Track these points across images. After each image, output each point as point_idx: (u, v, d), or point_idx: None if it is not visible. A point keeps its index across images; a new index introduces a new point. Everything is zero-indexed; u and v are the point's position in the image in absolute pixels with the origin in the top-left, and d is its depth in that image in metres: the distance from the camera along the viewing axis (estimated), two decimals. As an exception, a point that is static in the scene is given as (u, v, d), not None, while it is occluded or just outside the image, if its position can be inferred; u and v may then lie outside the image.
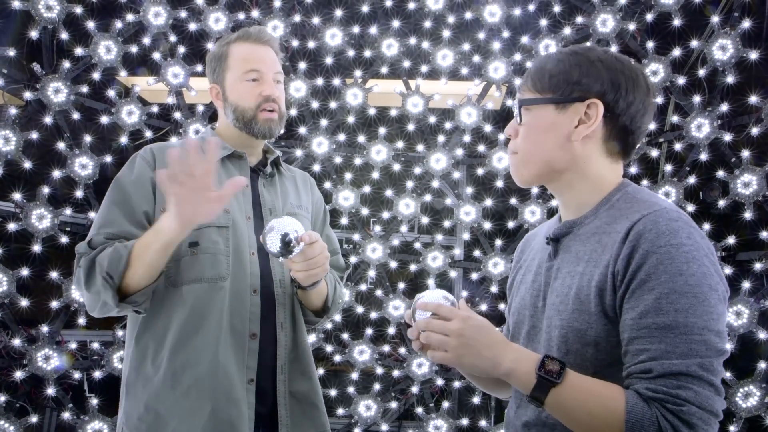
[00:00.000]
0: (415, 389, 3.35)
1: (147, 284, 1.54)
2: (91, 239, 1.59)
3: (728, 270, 3.10)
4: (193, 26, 3.35)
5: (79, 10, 3.21)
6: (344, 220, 3.41)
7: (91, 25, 3.23)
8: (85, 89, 3.26)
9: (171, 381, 1.56)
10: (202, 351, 1.57)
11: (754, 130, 3.16)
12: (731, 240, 3.15)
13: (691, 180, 3.26)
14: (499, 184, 3.39)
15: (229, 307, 1.60)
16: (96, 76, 3.26)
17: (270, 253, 1.56)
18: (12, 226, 3.08)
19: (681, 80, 3.27)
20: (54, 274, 3.10)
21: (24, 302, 3.07)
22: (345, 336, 3.37)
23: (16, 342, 3.07)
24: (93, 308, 1.58)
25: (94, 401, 3.15)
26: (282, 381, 1.66)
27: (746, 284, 3.07)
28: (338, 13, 3.40)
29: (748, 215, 3.12)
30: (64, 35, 3.20)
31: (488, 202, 3.41)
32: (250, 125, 1.74)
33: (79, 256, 1.58)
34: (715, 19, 3.21)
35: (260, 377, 1.63)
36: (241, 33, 1.79)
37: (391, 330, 3.38)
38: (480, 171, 3.45)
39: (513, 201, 3.39)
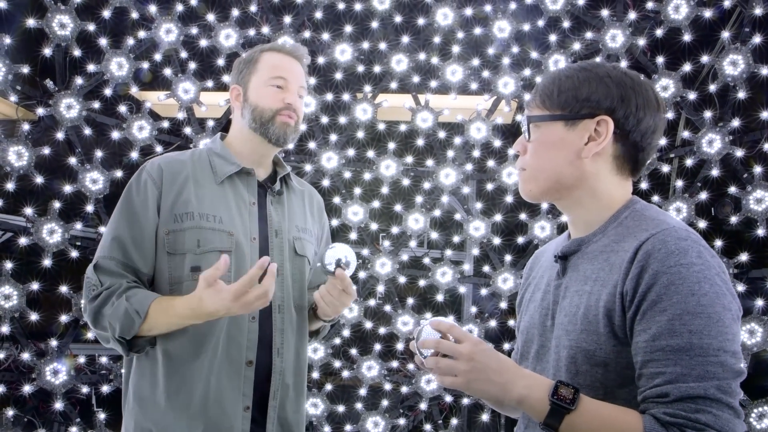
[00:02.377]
0: (423, 406, 3.32)
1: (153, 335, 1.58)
2: (97, 263, 1.59)
3: (741, 287, 3.06)
4: (203, 42, 3.38)
5: (91, 27, 3.25)
6: (353, 235, 3.40)
7: (103, 42, 3.27)
8: (96, 105, 3.29)
9: (165, 403, 1.55)
10: (197, 377, 1.56)
11: (767, 146, 3.14)
12: (744, 257, 3.11)
13: (703, 196, 3.23)
14: (509, 199, 3.38)
15: (226, 334, 1.59)
16: (108, 92, 3.29)
17: (323, 267, 1.67)
18: (23, 241, 3.10)
19: (692, 95, 3.25)
20: (64, 288, 3.11)
21: (34, 316, 3.08)
22: (353, 351, 3.35)
23: (25, 356, 3.08)
24: (101, 341, 1.62)
25: (102, 416, 3.15)
26: (273, 407, 1.65)
27: (759, 302, 3.03)
28: (348, 28, 3.42)
29: (761, 232, 3.08)
30: (77, 52, 3.24)
31: (498, 218, 3.40)
32: (266, 127, 1.72)
33: (89, 284, 1.58)
34: (726, 34, 3.20)
35: (254, 403, 1.62)
36: (275, 44, 1.83)
37: (400, 345, 3.36)
38: (489, 186, 3.44)
39: (523, 216, 3.37)
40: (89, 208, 3.22)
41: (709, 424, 0.95)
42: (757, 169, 3.13)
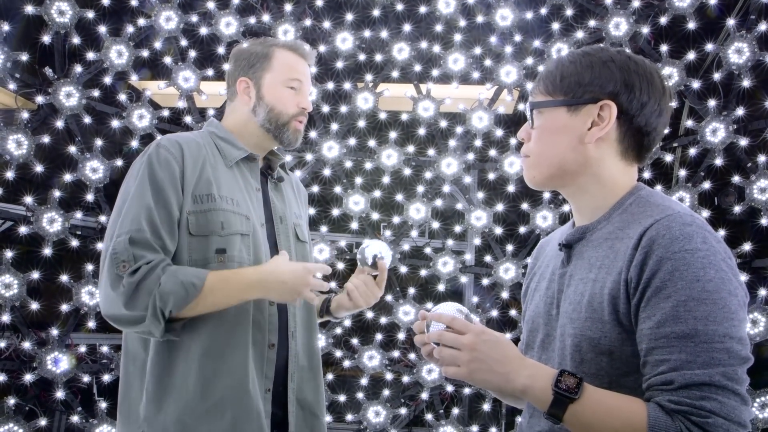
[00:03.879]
0: (424, 395, 3.32)
1: (192, 316, 1.52)
2: (131, 237, 1.48)
3: (744, 277, 3.05)
4: (204, 30, 3.35)
5: (91, 14, 3.23)
6: (354, 225, 3.39)
7: (102, 29, 3.24)
8: (96, 93, 3.27)
9: (201, 392, 1.52)
10: (233, 362, 1.55)
11: (771, 135, 3.12)
12: (747, 246, 3.09)
13: (706, 185, 3.21)
14: (511, 188, 3.36)
15: (252, 318, 1.60)
16: (107, 80, 3.27)
17: (363, 261, 1.78)
18: (23, 230, 3.09)
19: (696, 84, 3.22)
20: (64, 278, 3.11)
21: (34, 305, 3.07)
22: (355, 341, 3.35)
23: (26, 345, 3.08)
24: (123, 325, 1.50)
25: (103, 404, 3.15)
26: (292, 389, 1.67)
27: (763, 291, 3.02)
28: (349, 17, 3.39)
29: (764, 221, 3.07)
30: (76, 40, 3.22)
31: (499, 207, 3.38)
32: (280, 130, 1.74)
33: (118, 260, 1.47)
34: (731, 22, 3.17)
35: (274, 385, 1.63)
36: (290, 41, 1.82)
37: (401, 335, 3.35)
38: (491, 175, 3.42)
39: (524, 206, 3.36)
40: (89, 197, 3.21)
41: (715, 411, 0.94)
42: (761, 159, 3.11)
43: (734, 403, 0.95)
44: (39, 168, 3.14)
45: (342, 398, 3.32)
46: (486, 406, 3.33)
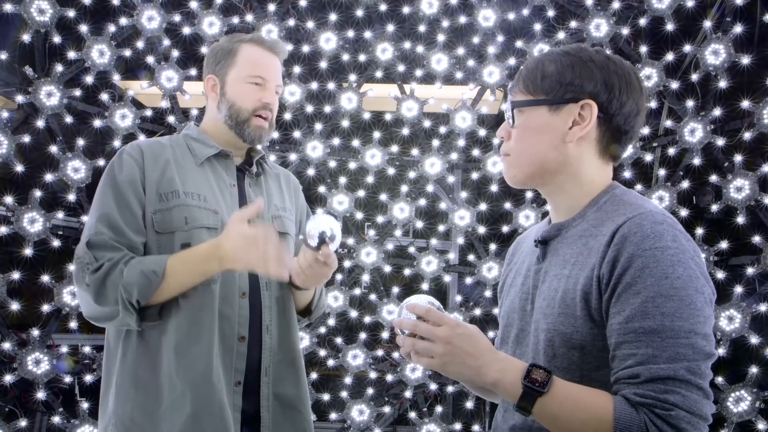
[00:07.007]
0: (408, 394, 3.34)
1: (163, 301, 1.55)
2: (89, 240, 1.55)
3: (721, 274, 3.10)
4: (187, 30, 3.34)
5: (71, 13, 3.20)
6: (338, 224, 3.40)
7: (84, 28, 3.22)
8: (78, 93, 3.25)
9: (166, 385, 1.54)
10: (197, 355, 1.56)
11: (747, 135, 3.17)
12: (724, 244, 3.14)
13: (685, 185, 3.26)
14: (494, 188, 3.39)
15: (219, 311, 1.60)
16: (89, 79, 3.25)
17: (307, 244, 1.63)
18: (3, 230, 3.06)
19: (674, 85, 3.28)
20: (45, 278, 3.08)
21: (15, 306, 3.04)
22: (338, 340, 3.36)
23: (6, 345, 3.05)
24: (102, 321, 1.56)
25: (85, 405, 3.13)
26: (266, 383, 1.66)
27: (738, 289, 3.08)
28: (333, 17, 3.40)
29: (740, 220, 3.12)
30: (57, 39, 3.19)
31: (483, 207, 3.41)
32: (241, 127, 1.74)
33: (82, 263, 1.53)
34: (708, 24, 3.22)
35: (247, 379, 1.63)
36: (255, 36, 1.80)
37: (385, 334, 3.37)
38: (475, 175, 3.45)
39: (507, 205, 3.39)
40: (71, 197, 3.19)
41: (677, 404, 0.96)
42: (738, 158, 3.16)
43: (696, 397, 0.98)
44: (19, 168, 3.11)
45: (326, 397, 3.33)
46: (469, 404, 3.35)
